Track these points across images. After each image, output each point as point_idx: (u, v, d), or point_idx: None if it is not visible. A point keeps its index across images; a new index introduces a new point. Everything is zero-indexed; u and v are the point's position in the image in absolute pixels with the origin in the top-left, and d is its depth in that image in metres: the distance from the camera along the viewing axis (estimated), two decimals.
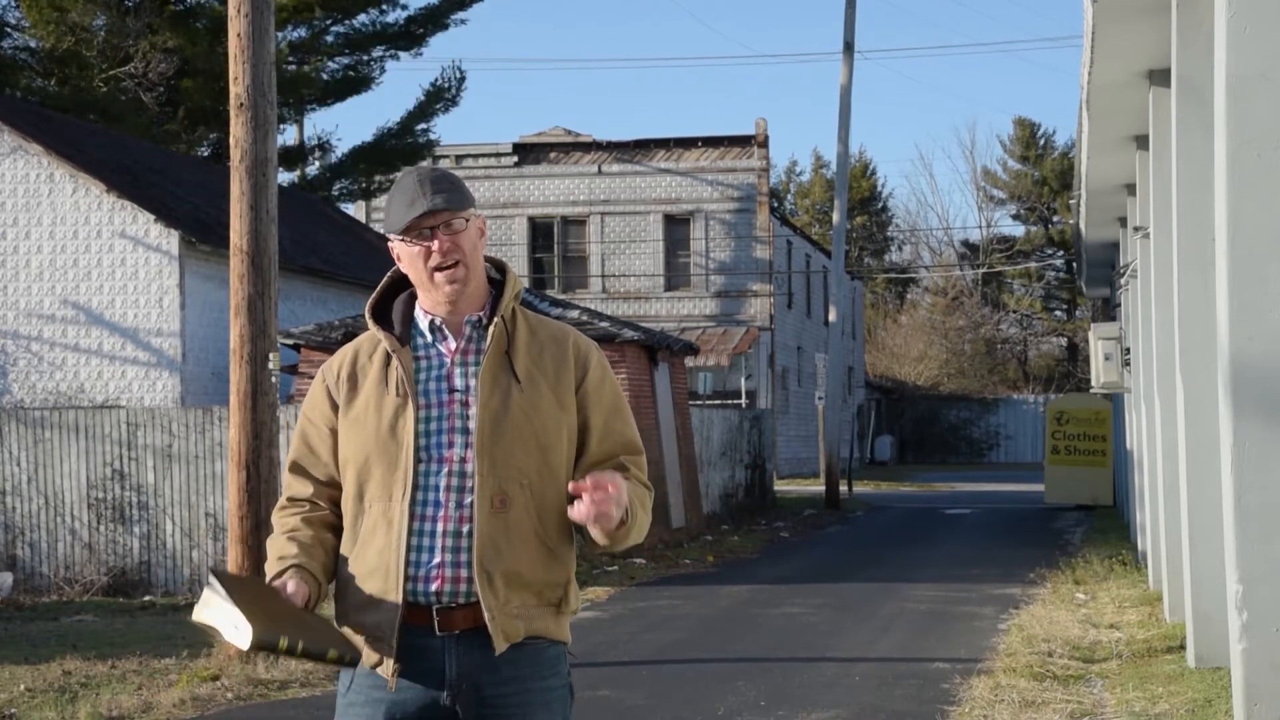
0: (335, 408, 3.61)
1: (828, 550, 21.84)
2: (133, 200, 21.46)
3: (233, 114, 11.74)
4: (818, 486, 35.26)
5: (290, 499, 3.64)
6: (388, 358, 3.59)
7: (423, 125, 38.70)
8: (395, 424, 3.52)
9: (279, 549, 3.56)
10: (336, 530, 3.61)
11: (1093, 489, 28.99)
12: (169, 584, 17.25)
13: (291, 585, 3.46)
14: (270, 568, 3.55)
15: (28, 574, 17.33)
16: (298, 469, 3.65)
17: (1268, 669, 6.47)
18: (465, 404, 3.53)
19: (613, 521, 3.39)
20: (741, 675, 10.81)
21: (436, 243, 3.51)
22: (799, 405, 46.42)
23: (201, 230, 22.05)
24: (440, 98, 38.61)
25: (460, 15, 38.62)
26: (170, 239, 21.23)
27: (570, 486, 3.42)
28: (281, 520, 3.63)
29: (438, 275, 3.53)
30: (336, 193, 38.98)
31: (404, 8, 37.92)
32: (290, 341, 19.86)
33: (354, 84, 38.93)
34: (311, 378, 19.89)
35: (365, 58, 38.60)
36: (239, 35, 11.60)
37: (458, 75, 39.00)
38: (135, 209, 21.33)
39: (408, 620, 3.46)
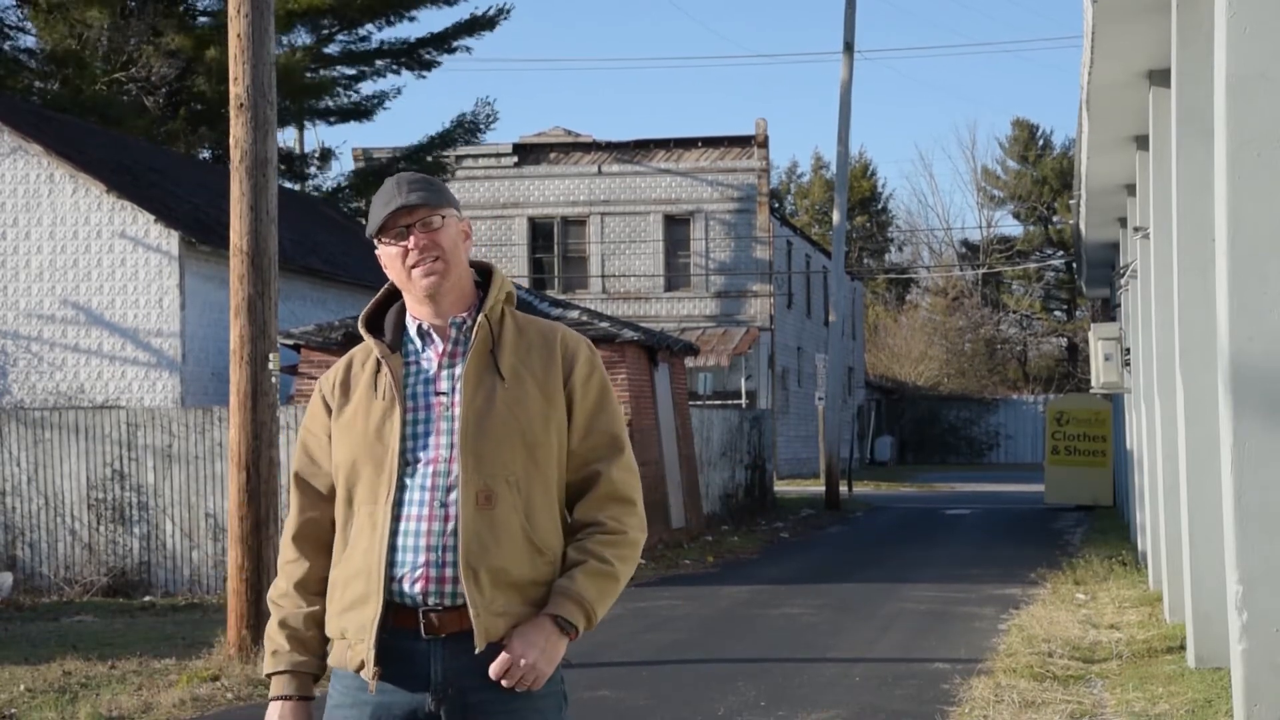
0: (331, 415, 3.65)
1: (828, 550, 21.84)
2: (133, 200, 21.45)
3: (233, 114, 11.73)
4: (818, 487, 35.26)
5: (293, 538, 3.66)
6: (378, 364, 3.62)
7: (441, 151, 38.75)
8: (382, 427, 3.53)
9: (272, 639, 3.62)
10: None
11: (1093, 489, 29.00)
12: (169, 584, 17.25)
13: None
14: (267, 658, 3.63)
15: (28, 574, 17.33)
16: (299, 481, 3.68)
17: (1268, 669, 6.47)
18: (451, 405, 3.53)
19: (535, 683, 3.42)
20: (741, 675, 10.81)
21: (413, 239, 3.53)
22: (799, 405, 46.42)
23: (201, 230, 22.05)
24: (465, 128, 38.59)
25: (468, 41, 38.73)
26: (170, 239, 21.23)
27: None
28: (280, 575, 3.67)
29: (414, 271, 3.54)
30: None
31: (412, 19, 38.03)
32: (290, 342, 19.86)
33: (358, 112, 38.97)
34: (311, 378, 19.91)
35: (368, 69, 38.67)
36: (239, 35, 11.60)
37: (488, 113, 38.94)
38: (135, 209, 21.33)
39: (394, 623, 3.45)
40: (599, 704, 9.76)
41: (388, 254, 3.58)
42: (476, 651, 3.42)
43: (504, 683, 3.40)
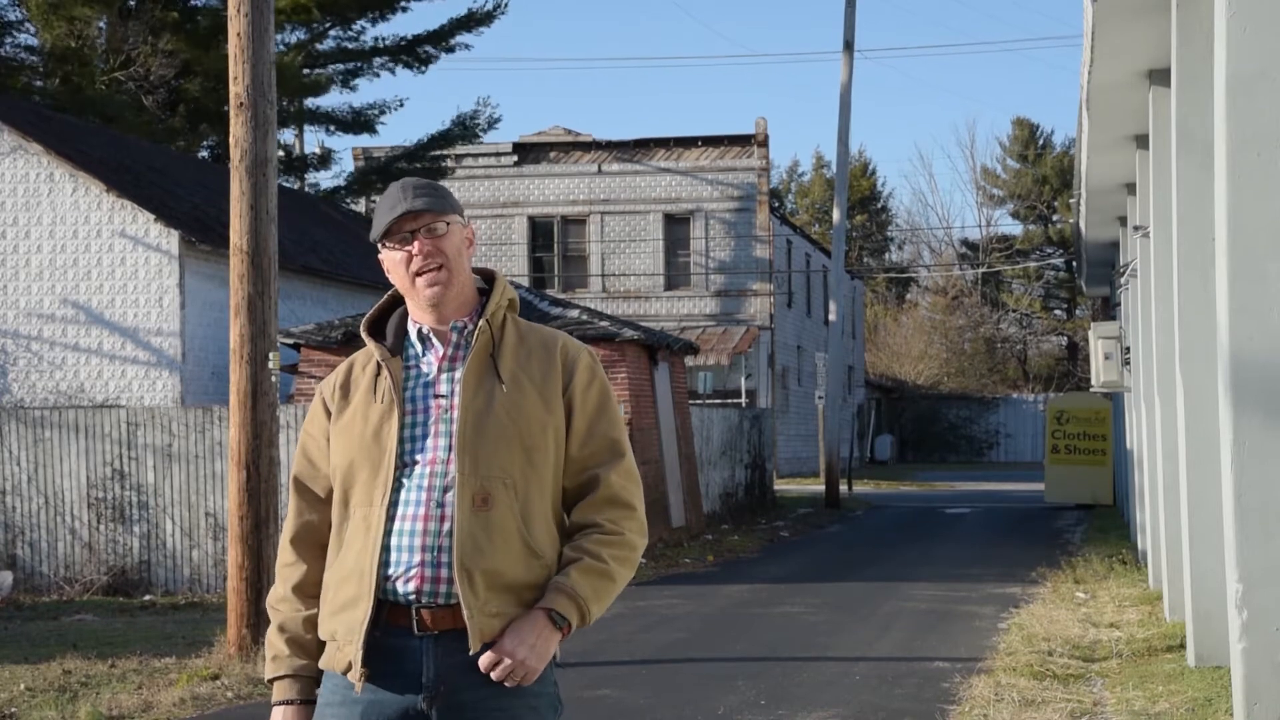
0: (330, 418, 3.65)
1: (828, 549, 21.84)
2: (133, 200, 21.45)
3: (233, 114, 11.73)
4: (818, 486, 35.26)
5: (291, 541, 3.67)
6: (379, 368, 3.62)
7: (440, 150, 38.79)
8: (380, 430, 3.53)
9: (272, 645, 3.64)
10: None
11: (1093, 488, 29.00)
12: (169, 583, 17.25)
13: None
14: (268, 662, 3.64)
15: (28, 574, 17.33)
16: (298, 484, 3.69)
17: (1268, 668, 6.47)
18: (449, 408, 3.53)
19: (525, 679, 3.41)
20: (741, 674, 10.81)
21: (417, 245, 3.53)
22: (799, 405, 46.43)
23: (201, 230, 22.05)
24: (466, 127, 38.59)
25: (465, 39, 38.77)
26: (170, 238, 21.23)
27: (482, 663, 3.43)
28: (278, 579, 3.69)
29: (419, 279, 3.54)
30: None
31: (405, 9, 38.00)
32: (290, 341, 19.87)
33: (359, 124, 39.03)
34: (311, 377, 19.91)
35: (365, 67, 38.69)
36: (239, 35, 11.60)
37: (489, 115, 38.95)
38: (135, 209, 21.33)
39: (389, 620, 3.46)
40: (599, 703, 9.76)
41: (391, 259, 3.58)
42: (471, 653, 3.41)
43: (493, 676, 3.39)
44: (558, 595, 3.45)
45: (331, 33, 38.28)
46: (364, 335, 3.66)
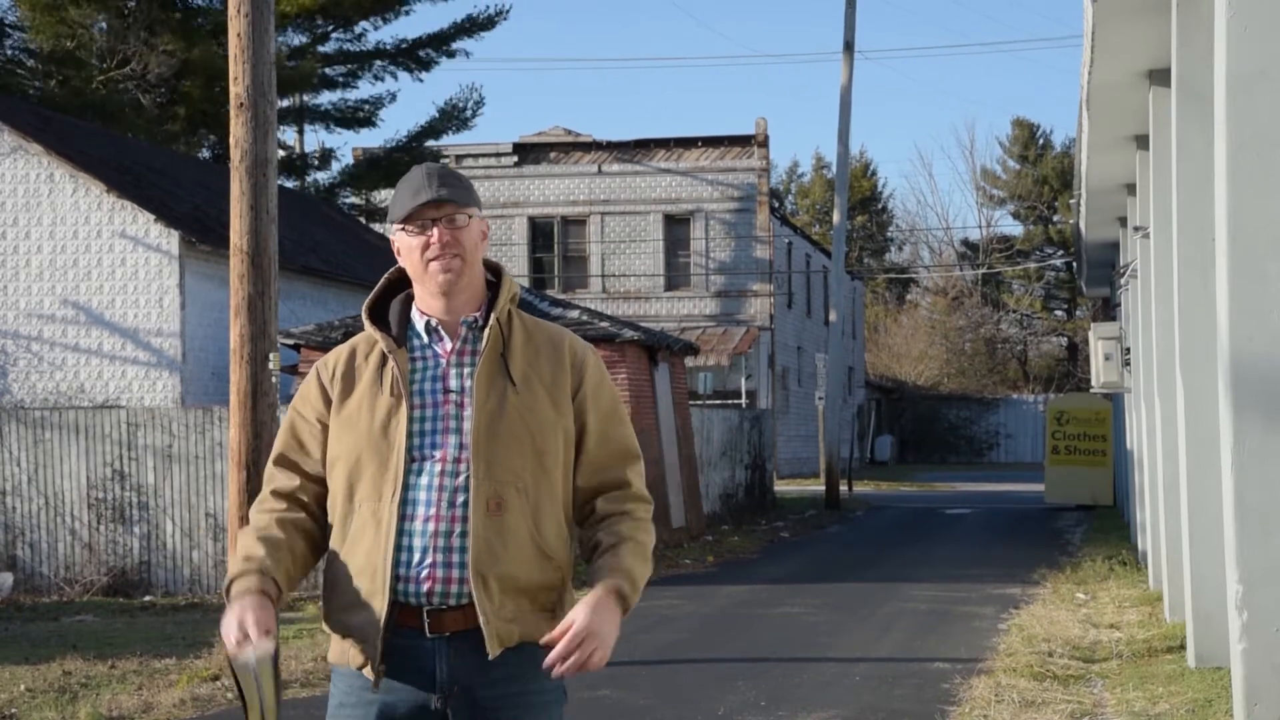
0: (329, 404, 3.59)
1: (828, 550, 21.83)
2: (133, 200, 21.45)
3: (233, 114, 11.73)
4: (818, 486, 35.25)
5: (273, 492, 3.58)
6: (383, 358, 3.58)
7: (431, 142, 38.85)
8: (388, 424, 3.50)
9: (246, 548, 3.51)
10: (311, 535, 3.58)
11: (1093, 489, 28.99)
12: (169, 584, 17.25)
13: (252, 615, 3.37)
14: (233, 566, 3.50)
15: (28, 574, 17.33)
16: (285, 462, 3.61)
17: (1268, 669, 6.47)
18: (460, 405, 3.51)
19: (602, 659, 3.36)
20: (741, 675, 10.81)
21: (436, 233, 3.51)
22: (799, 405, 46.42)
23: (201, 230, 22.05)
24: (454, 117, 38.64)
25: (465, 44, 38.84)
26: (170, 239, 21.23)
27: (542, 642, 3.38)
28: (257, 516, 3.58)
29: (433, 264, 3.51)
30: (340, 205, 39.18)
31: (408, 13, 38.03)
32: (290, 341, 19.86)
33: (358, 120, 39.05)
34: None
35: (366, 69, 38.70)
36: (239, 35, 11.59)
37: (475, 98, 39.07)
38: (135, 209, 21.33)
39: (398, 621, 3.44)
40: (599, 704, 9.76)
41: (407, 243, 3.55)
42: (490, 658, 3.42)
43: (571, 658, 3.33)
44: (617, 577, 3.44)
45: (333, 35, 38.29)
46: (366, 322, 3.62)
